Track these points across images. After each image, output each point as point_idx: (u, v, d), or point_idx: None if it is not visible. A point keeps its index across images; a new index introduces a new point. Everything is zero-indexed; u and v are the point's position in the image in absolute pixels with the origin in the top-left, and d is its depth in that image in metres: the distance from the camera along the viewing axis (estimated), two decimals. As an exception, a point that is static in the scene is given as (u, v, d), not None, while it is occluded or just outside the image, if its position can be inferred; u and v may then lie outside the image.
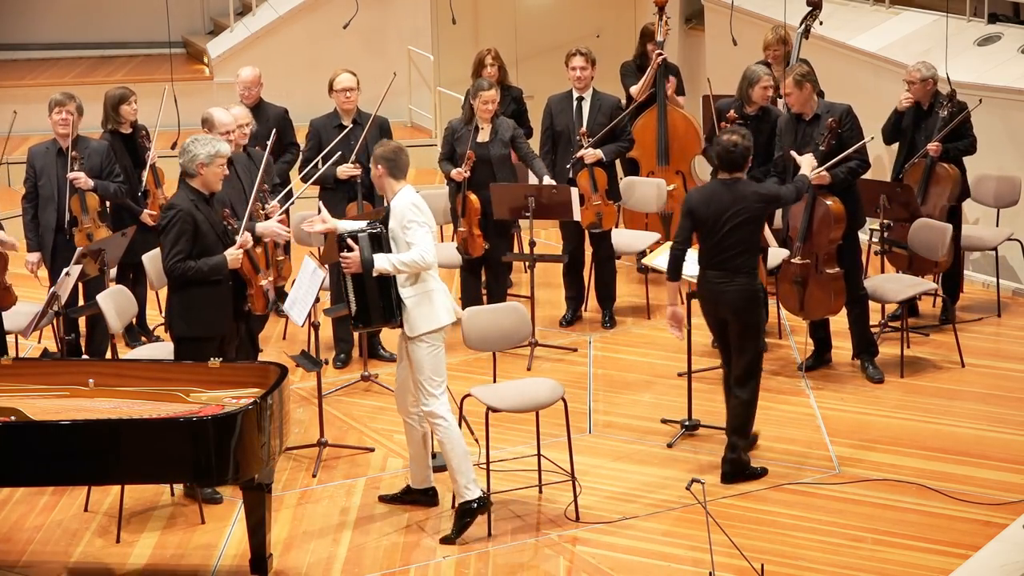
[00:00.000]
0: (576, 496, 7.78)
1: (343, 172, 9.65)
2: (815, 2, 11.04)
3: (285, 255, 9.05)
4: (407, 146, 7.69)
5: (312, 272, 8.13)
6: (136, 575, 7.35)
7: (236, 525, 7.70)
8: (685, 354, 8.77)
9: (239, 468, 6.85)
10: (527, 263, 10.06)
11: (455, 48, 14.42)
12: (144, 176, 9.96)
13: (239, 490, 7.20)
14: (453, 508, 7.63)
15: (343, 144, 9.66)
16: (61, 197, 9.54)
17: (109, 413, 7.01)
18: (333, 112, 9.88)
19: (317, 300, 8.22)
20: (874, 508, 7.76)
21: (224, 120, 8.67)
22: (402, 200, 7.48)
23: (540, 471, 8.01)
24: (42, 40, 15.90)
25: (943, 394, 9.20)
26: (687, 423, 8.67)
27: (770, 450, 8.43)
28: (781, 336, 10.11)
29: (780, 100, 9.92)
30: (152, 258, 9.00)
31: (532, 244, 10.01)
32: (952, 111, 9.94)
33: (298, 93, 12.73)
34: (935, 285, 10.04)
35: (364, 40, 14.27)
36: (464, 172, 9.87)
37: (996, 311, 10.50)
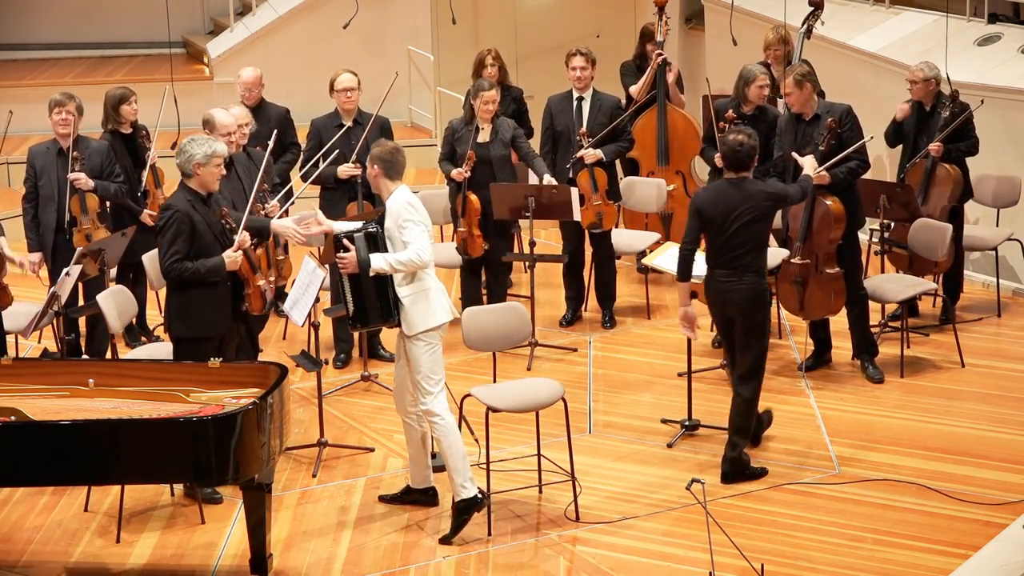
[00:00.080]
0: (576, 496, 7.78)
1: (344, 172, 9.66)
2: (817, 2, 11.04)
3: (285, 255, 9.05)
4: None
5: (312, 272, 8.13)
6: (136, 575, 7.35)
7: (236, 525, 7.70)
8: (685, 354, 8.78)
9: (239, 468, 6.85)
10: (527, 263, 10.06)
11: (455, 48, 14.41)
12: (144, 176, 9.96)
13: (239, 490, 7.21)
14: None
15: (343, 143, 9.66)
16: (61, 197, 9.53)
17: (109, 413, 7.01)
18: (334, 112, 9.88)
19: (317, 300, 8.22)
20: (874, 508, 7.76)
21: (225, 121, 8.66)
22: (397, 199, 7.48)
23: (540, 471, 8.00)
24: (42, 40, 15.88)
25: (943, 394, 9.20)
26: (687, 423, 8.67)
27: (770, 450, 8.44)
28: (781, 336, 10.10)
29: (780, 100, 9.92)
30: (152, 258, 8.99)
31: (532, 244, 10.01)
32: (954, 111, 9.94)
33: (298, 93, 12.71)
34: (935, 285, 10.04)
35: (364, 40, 14.26)
36: (465, 172, 9.86)
37: (996, 311, 10.50)
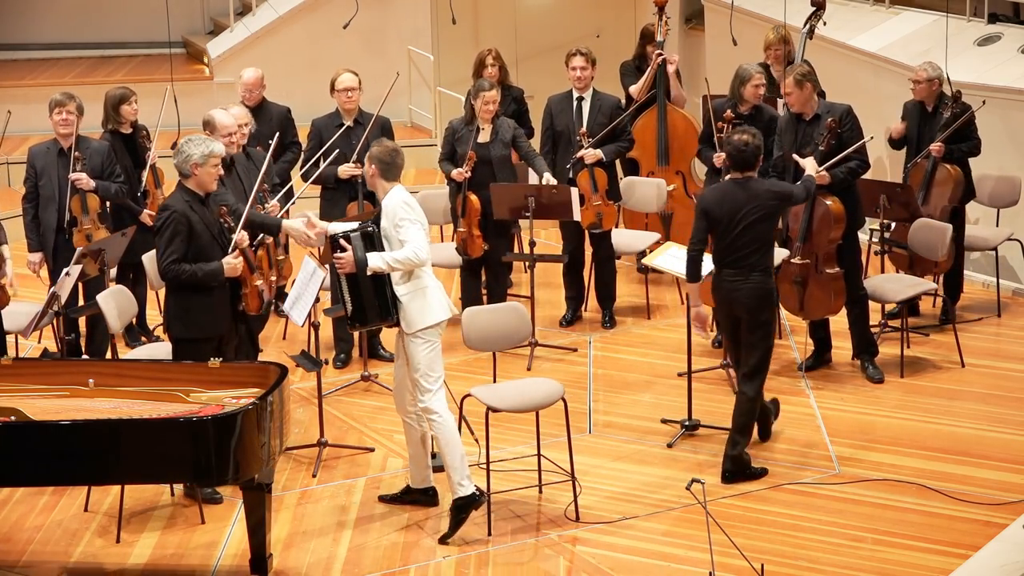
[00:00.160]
0: (576, 496, 7.78)
1: (344, 172, 9.66)
2: (819, 2, 11.03)
3: (285, 255, 9.05)
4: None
5: (312, 272, 8.13)
6: (136, 575, 7.35)
7: (236, 525, 7.70)
8: (685, 354, 8.78)
9: (239, 468, 6.85)
10: (527, 263, 10.06)
11: (455, 48, 14.41)
12: (144, 176, 9.96)
13: (239, 490, 7.21)
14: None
15: (344, 143, 9.66)
16: (62, 197, 9.53)
17: (109, 413, 7.01)
18: (335, 112, 9.88)
19: (317, 300, 8.23)
20: (874, 508, 7.76)
21: (226, 122, 8.66)
22: (393, 199, 7.49)
23: (540, 471, 8.00)
24: (42, 40, 15.88)
25: (943, 394, 9.20)
26: (687, 423, 8.67)
27: (770, 450, 8.44)
28: (781, 336, 10.09)
29: (780, 100, 9.91)
30: (152, 258, 8.98)
31: (532, 244, 10.01)
32: (956, 112, 9.94)
33: (298, 93, 12.71)
34: (935, 285, 10.04)
35: (364, 40, 14.26)
36: (465, 172, 9.86)
37: (996, 311, 10.49)
